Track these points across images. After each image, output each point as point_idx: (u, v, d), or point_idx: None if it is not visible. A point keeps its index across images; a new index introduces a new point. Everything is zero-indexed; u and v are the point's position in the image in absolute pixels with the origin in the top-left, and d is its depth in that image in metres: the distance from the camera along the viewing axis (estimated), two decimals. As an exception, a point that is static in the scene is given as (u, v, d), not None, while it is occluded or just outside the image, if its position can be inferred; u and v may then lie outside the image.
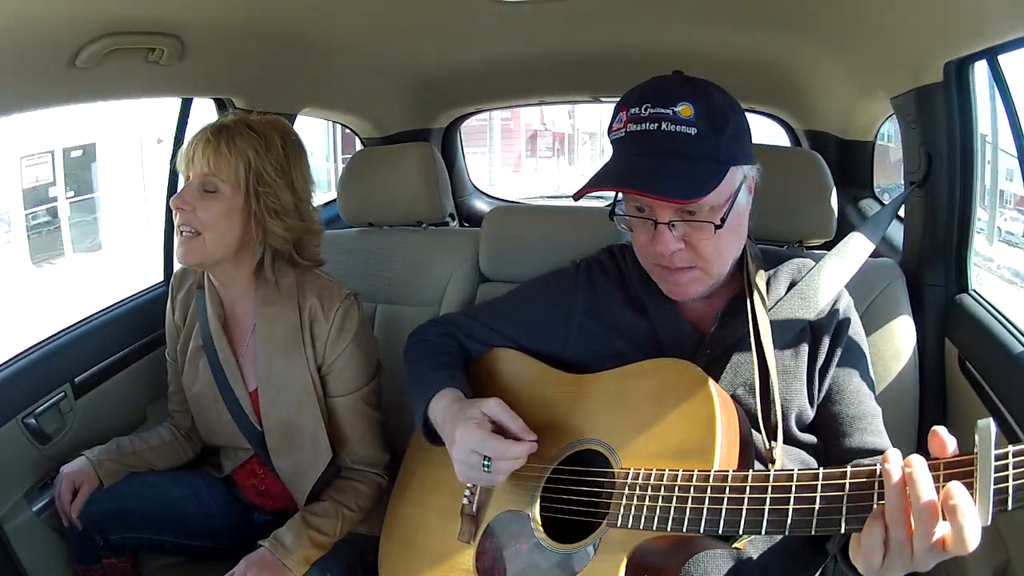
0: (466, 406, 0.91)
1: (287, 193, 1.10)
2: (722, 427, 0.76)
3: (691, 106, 0.82)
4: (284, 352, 1.13)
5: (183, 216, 1.07)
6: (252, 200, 1.08)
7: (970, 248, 1.18)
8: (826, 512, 0.63)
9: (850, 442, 0.89)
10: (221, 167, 1.06)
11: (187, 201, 1.06)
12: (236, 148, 1.07)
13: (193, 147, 1.08)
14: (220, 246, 1.09)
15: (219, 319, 1.16)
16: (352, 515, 1.13)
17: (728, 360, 0.90)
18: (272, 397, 1.14)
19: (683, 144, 0.82)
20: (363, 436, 1.17)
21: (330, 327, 1.13)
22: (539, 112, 11.22)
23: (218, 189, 1.07)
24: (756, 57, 1.53)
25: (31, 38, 0.93)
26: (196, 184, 1.07)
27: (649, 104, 0.84)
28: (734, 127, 0.86)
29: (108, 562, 1.17)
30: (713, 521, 0.69)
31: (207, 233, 1.07)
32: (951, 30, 1.01)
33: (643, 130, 0.84)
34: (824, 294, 0.94)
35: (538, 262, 1.18)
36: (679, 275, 0.90)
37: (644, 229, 0.89)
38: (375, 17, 1.32)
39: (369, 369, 1.18)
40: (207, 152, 1.06)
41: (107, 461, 1.15)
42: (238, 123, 1.09)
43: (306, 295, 1.15)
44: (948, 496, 0.56)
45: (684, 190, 0.81)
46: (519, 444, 0.86)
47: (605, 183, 0.88)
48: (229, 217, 1.08)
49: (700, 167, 0.83)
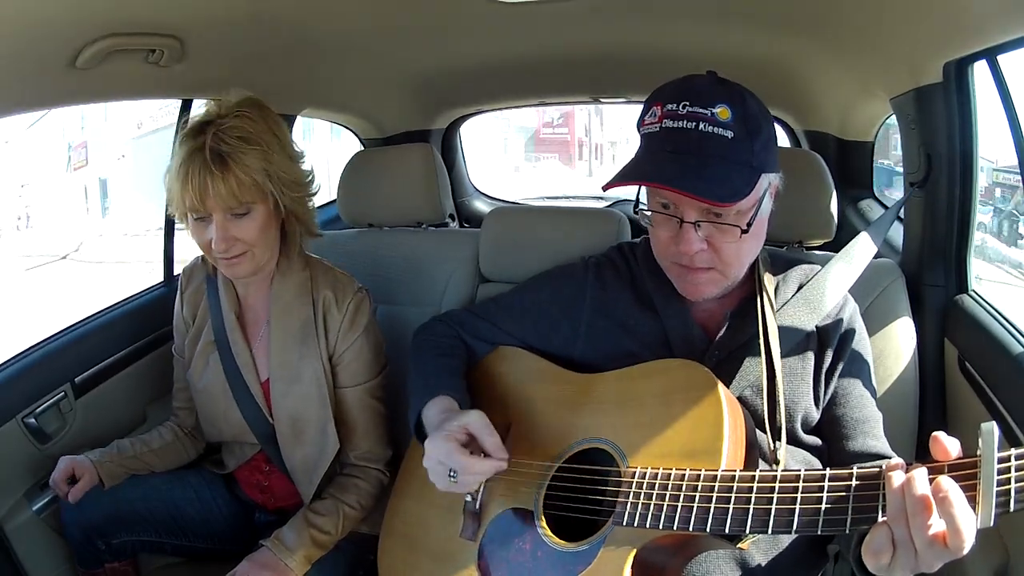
0: (449, 417, 0.92)
1: (292, 163, 1.11)
2: (729, 428, 0.76)
3: (729, 109, 0.82)
4: (297, 344, 1.14)
5: (226, 244, 1.04)
6: (280, 198, 1.08)
7: (970, 248, 1.18)
8: (832, 512, 0.64)
9: (853, 445, 0.90)
10: (247, 189, 1.03)
11: (229, 234, 1.04)
12: (252, 169, 1.03)
13: (200, 182, 1.00)
14: (269, 251, 1.12)
15: (234, 312, 1.17)
16: (354, 513, 1.13)
17: (736, 361, 0.91)
18: (283, 389, 1.14)
19: (719, 147, 0.82)
20: (367, 429, 1.18)
21: (343, 318, 1.14)
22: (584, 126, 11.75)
23: (250, 210, 1.06)
24: (756, 57, 1.53)
25: (31, 38, 0.93)
26: (224, 217, 1.04)
27: (687, 103, 0.83)
28: (767, 134, 0.86)
29: (110, 566, 1.17)
30: (720, 520, 0.69)
31: (256, 248, 1.08)
32: (951, 30, 1.01)
33: (680, 127, 0.83)
34: (830, 298, 0.95)
35: (538, 263, 1.18)
36: (697, 275, 0.90)
37: (668, 227, 0.88)
38: (375, 17, 1.32)
39: (378, 362, 1.19)
40: (228, 188, 1.01)
41: (108, 463, 1.14)
42: (232, 140, 1.02)
43: (319, 287, 1.16)
44: (937, 488, 0.58)
45: (719, 192, 0.81)
46: (485, 461, 0.87)
47: (641, 178, 0.87)
48: (268, 225, 1.09)
49: (734, 171, 0.83)
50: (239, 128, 1.04)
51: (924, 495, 0.59)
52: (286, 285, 1.15)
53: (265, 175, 1.05)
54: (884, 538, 0.61)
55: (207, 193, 1.01)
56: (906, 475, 0.61)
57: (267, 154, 1.05)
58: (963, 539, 0.57)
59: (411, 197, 1.48)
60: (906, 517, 0.60)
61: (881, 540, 0.61)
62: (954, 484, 0.58)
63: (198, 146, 1.02)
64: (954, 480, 0.59)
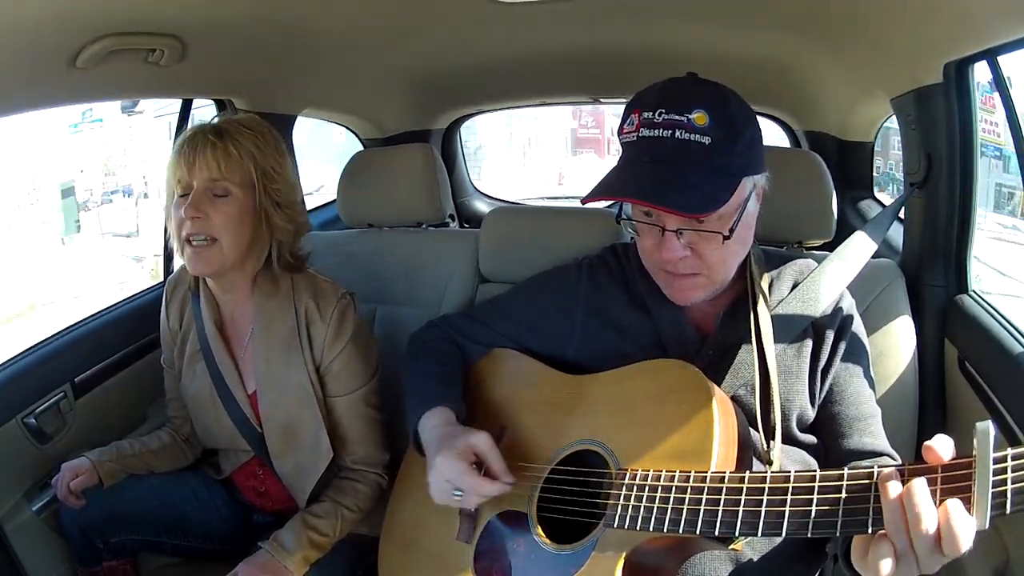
0: (454, 433, 0.91)
1: (287, 185, 1.11)
2: (720, 428, 0.76)
3: (706, 114, 0.81)
4: (282, 354, 1.13)
5: (196, 225, 1.04)
6: (261, 198, 1.08)
7: (970, 248, 1.18)
8: (822, 515, 0.63)
9: (849, 443, 0.89)
10: (232, 169, 1.05)
11: (201, 209, 1.04)
12: (243, 148, 1.06)
13: (194, 152, 1.04)
14: (236, 251, 1.08)
15: (215, 324, 1.16)
16: (351, 515, 1.13)
17: (730, 361, 0.90)
18: (272, 399, 1.14)
19: (696, 154, 0.81)
20: (363, 436, 1.17)
21: (327, 329, 1.12)
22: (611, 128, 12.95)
23: (229, 192, 1.06)
24: (755, 57, 1.53)
25: (31, 38, 0.93)
26: (204, 189, 1.05)
27: (663, 110, 0.82)
28: (749, 136, 0.85)
29: (108, 565, 1.17)
30: (710, 522, 0.69)
31: (224, 238, 1.05)
32: (951, 30, 1.00)
33: (656, 136, 0.82)
34: (826, 295, 0.94)
35: (538, 263, 1.18)
36: (683, 281, 0.89)
37: (651, 235, 0.88)
38: (375, 17, 1.32)
39: (368, 369, 1.18)
40: (216, 156, 1.04)
41: (107, 462, 1.14)
42: (232, 123, 1.09)
43: (301, 296, 1.14)
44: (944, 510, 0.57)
45: (695, 203, 0.80)
46: (493, 484, 0.86)
47: (616, 191, 0.87)
48: (242, 219, 1.07)
49: (713, 178, 0.82)
50: (244, 120, 1.11)
51: (928, 510, 0.58)
52: (267, 296, 1.13)
53: (253, 160, 1.07)
54: (887, 551, 0.60)
55: (195, 161, 1.04)
56: (904, 487, 0.59)
57: (261, 145, 1.08)
58: (961, 548, 0.57)
59: (411, 197, 1.48)
60: (907, 529, 0.59)
61: (884, 553, 0.60)
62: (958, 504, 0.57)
63: (202, 127, 1.08)
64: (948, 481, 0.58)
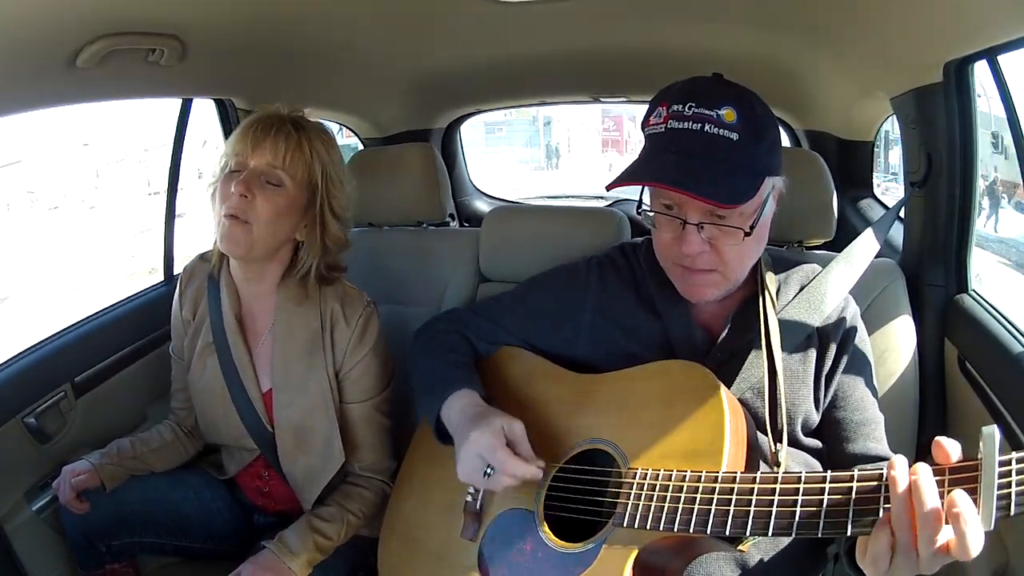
0: (488, 413, 0.91)
1: (347, 199, 1.12)
2: (731, 429, 0.76)
3: (735, 111, 0.82)
4: (303, 356, 1.12)
5: (240, 203, 1.01)
6: (323, 203, 1.07)
7: (970, 248, 1.18)
8: (833, 515, 0.64)
9: (853, 448, 0.90)
10: (296, 163, 1.04)
11: (251, 189, 1.02)
12: (315, 148, 1.06)
13: (266, 134, 1.03)
14: (267, 241, 1.06)
15: (235, 315, 1.15)
16: (356, 521, 1.13)
17: (738, 363, 0.91)
18: (287, 400, 1.13)
19: (724, 149, 0.82)
20: (373, 443, 1.17)
21: (351, 334, 1.12)
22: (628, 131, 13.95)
23: (282, 183, 1.04)
24: (756, 57, 1.53)
25: (31, 38, 0.92)
26: (259, 173, 1.03)
27: (693, 104, 0.83)
28: (771, 138, 0.86)
29: (110, 568, 1.17)
30: (720, 522, 0.69)
31: (257, 225, 1.03)
32: (951, 30, 1.01)
33: (685, 128, 0.83)
34: (831, 300, 0.95)
35: (538, 262, 1.18)
36: (699, 276, 0.90)
37: (671, 228, 0.88)
38: (375, 17, 1.32)
39: (385, 377, 1.18)
40: (287, 145, 1.03)
41: (108, 465, 1.13)
42: (309, 122, 1.08)
43: (327, 300, 1.13)
44: (951, 504, 0.57)
45: (723, 194, 0.81)
46: (524, 465, 0.86)
47: (646, 178, 0.87)
48: (287, 214, 1.06)
49: (739, 174, 0.83)
50: (319, 126, 1.11)
51: (935, 508, 0.58)
52: (292, 295, 1.12)
53: (322, 163, 1.07)
54: (884, 544, 0.61)
55: (263, 143, 1.03)
56: (911, 479, 0.60)
57: (332, 153, 1.09)
58: (971, 553, 0.57)
59: (411, 196, 1.48)
60: (913, 525, 0.59)
61: (881, 546, 0.61)
62: (967, 499, 0.57)
63: (279, 114, 1.07)
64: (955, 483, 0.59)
